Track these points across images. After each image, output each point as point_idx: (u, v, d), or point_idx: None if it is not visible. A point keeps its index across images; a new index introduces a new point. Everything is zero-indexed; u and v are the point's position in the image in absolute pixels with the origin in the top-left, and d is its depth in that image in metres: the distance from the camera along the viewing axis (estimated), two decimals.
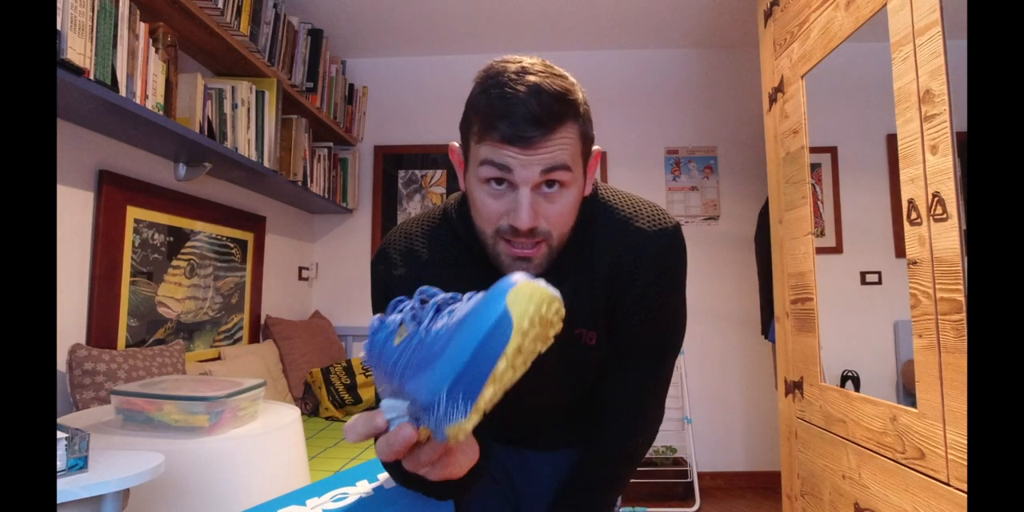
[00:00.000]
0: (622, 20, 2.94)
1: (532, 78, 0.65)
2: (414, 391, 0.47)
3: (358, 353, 3.19)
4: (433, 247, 0.81)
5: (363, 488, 0.83)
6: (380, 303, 0.83)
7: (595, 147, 0.75)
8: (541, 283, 0.47)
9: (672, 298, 0.80)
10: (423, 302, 0.52)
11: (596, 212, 0.79)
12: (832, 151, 1.96)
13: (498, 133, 0.65)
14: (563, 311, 0.49)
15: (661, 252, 0.76)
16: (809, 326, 1.55)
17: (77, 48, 1.32)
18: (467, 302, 0.49)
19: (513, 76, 0.65)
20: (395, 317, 0.52)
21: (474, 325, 0.44)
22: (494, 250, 0.71)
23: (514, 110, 0.64)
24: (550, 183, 0.67)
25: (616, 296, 0.77)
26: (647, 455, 2.95)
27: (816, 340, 1.52)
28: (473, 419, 0.44)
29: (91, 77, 1.36)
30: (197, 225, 2.20)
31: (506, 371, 0.44)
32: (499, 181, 0.67)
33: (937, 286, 1.03)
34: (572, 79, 0.70)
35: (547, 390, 0.84)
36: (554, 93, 0.65)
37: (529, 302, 0.45)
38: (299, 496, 0.82)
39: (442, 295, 0.52)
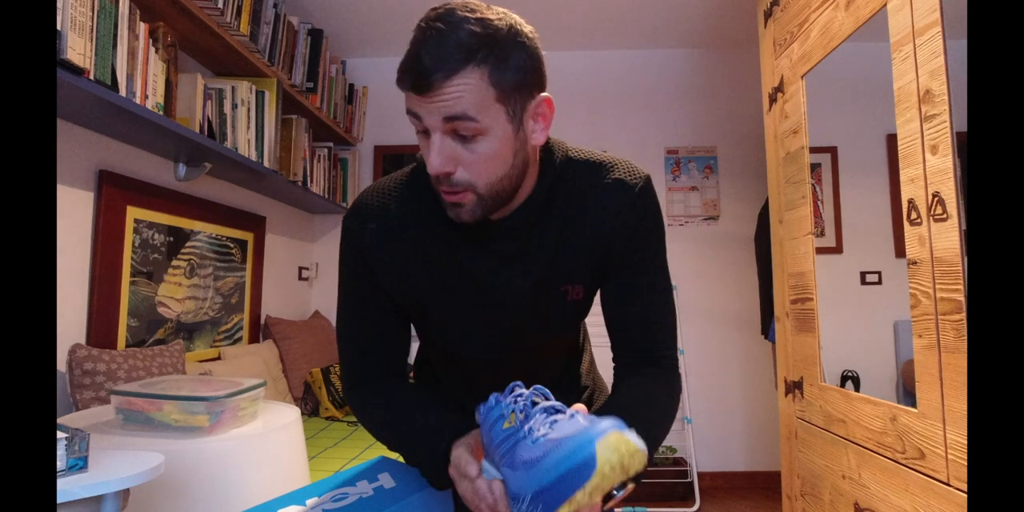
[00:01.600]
0: (622, 20, 2.95)
1: (440, 24, 0.65)
2: (505, 477, 0.60)
3: None
4: (405, 202, 0.81)
5: (363, 488, 0.83)
6: (349, 259, 0.82)
7: (543, 94, 0.72)
8: (630, 436, 0.55)
9: (659, 238, 0.83)
10: (535, 402, 0.63)
11: (568, 168, 0.80)
12: (832, 151, 1.96)
13: (403, 83, 0.66)
14: (645, 461, 0.56)
15: (641, 199, 0.79)
16: (809, 326, 1.55)
17: (77, 48, 1.32)
18: (569, 420, 0.59)
19: (429, 22, 0.66)
20: (509, 403, 0.63)
21: (566, 456, 0.54)
22: (440, 197, 0.72)
23: (414, 59, 0.65)
24: (461, 135, 0.67)
25: (605, 247, 0.79)
26: None
27: (816, 340, 1.52)
28: None
29: (91, 77, 1.36)
30: (197, 225, 2.20)
31: (582, 499, 0.54)
32: (423, 130, 0.68)
33: (937, 286, 1.03)
34: (503, 21, 0.66)
35: (530, 345, 0.86)
36: (456, 40, 0.64)
37: (614, 452, 0.53)
38: (299, 496, 0.82)
39: (551, 402, 0.63)
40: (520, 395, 0.64)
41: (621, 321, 0.83)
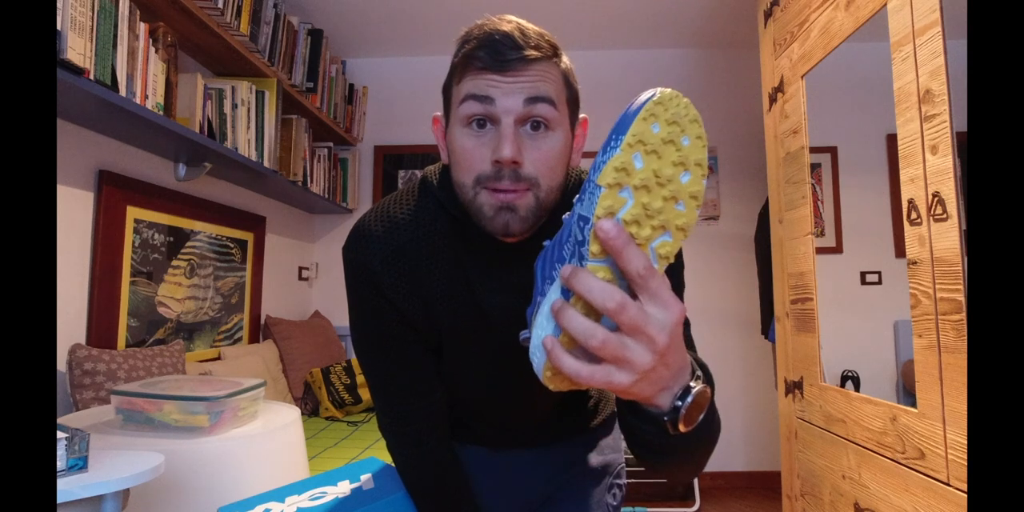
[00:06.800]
0: (622, 20, 2.94)
1: (515, 20, 0.67)
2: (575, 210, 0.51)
3: None
4: (417, 229, 0.75)
5: (343, 488, 0.83)
6: (364, 293, 0.76)
7: (582, 114, 0.72)
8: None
9: (679, 278, 0.79)
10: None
11: None
12: (832, 151, 1.96)
13: (479, 61, 0.63)
14: (693, 115, 0.50)
15: None
16: (809, 326, 1.55)
17: (77, 48, 1.32)
18: None
19: (495, 20, 0.66)
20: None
21: (628, 110, 0.49)
22: (475, 203, 0.66)
23: (496, 39, 0.63)
24: (535, 124, 0.64)
25: None
26: None
27: (816, 340, 1.52)
28: (616, 154, 0.47)
29: (91, 77, 1.36)
30: (197, 225, 2.20)
31: (633, 134, 0.48)
32: (481, 123, 0.64)
33: (937, 286, 1.03)
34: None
35: (536, 386, 0.84)
36: (537, 31, 0.66)
37: (661, 106, 0.48)
38: (279, 494, 0.83)
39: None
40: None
41: None
